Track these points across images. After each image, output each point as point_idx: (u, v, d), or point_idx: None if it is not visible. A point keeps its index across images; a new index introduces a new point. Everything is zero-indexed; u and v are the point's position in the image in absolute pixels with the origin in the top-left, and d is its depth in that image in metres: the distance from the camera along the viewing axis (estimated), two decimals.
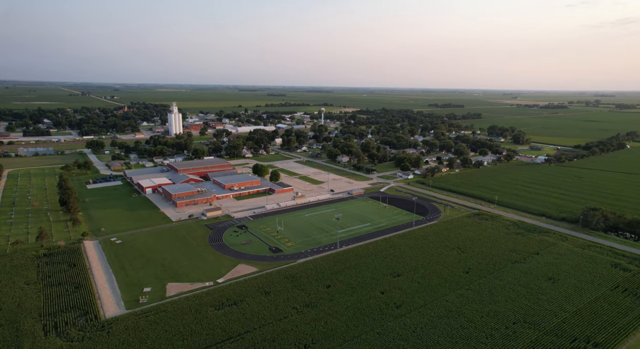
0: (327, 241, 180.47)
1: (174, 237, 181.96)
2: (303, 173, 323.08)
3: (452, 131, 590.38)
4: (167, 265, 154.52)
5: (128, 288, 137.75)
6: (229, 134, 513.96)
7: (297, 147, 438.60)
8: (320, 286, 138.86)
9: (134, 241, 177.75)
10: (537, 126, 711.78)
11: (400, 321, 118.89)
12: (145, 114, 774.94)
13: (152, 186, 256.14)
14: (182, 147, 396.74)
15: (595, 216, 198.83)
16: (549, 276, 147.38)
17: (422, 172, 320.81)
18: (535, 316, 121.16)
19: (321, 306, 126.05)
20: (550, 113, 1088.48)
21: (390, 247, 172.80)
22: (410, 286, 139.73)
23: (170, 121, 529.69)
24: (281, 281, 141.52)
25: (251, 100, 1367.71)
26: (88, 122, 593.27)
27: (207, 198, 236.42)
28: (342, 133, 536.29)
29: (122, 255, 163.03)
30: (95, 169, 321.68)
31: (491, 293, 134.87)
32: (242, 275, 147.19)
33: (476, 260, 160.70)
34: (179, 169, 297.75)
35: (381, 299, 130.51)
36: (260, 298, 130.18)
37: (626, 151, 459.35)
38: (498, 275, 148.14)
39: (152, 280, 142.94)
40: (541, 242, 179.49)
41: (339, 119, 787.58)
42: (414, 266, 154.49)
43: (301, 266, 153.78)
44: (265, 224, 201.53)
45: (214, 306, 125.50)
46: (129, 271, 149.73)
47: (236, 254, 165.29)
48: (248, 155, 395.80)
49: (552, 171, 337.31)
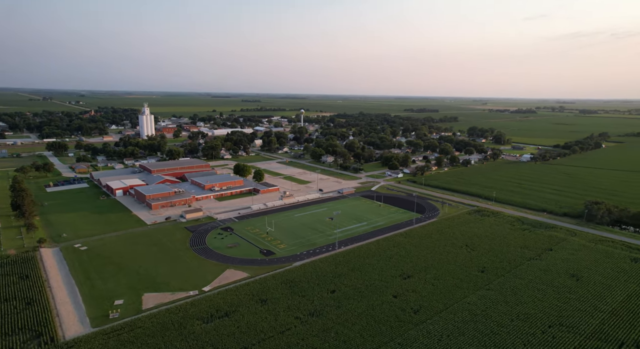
0: (323, 242, 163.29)
1: (149, 242, 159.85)
2: (287, 173, 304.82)
3: (433, 132, 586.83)
4: (142, 273, 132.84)
5: (95, 301, 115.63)
6: (204, 136, 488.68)
7: (278, 149, 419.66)
8: (323, 291, 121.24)
9: (102, 246, 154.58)
10: (514, 128, 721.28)
11: (421, 328, 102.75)
12: (114, 117, 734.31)
13: (122, 188, 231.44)
14: (155, 149, 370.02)
15: (599, 210, 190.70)
16: (571, 273, 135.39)
17: (411, 171, 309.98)
18: (569, 318, 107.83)
19: (328, 315, 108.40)
20: (522, 117, 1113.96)
21: (394, 246, 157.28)
22: (424, 288, 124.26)
23: (142, 122, 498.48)
24: (278, 287, 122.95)
25: (225, 105, 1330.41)
26: (49, 124, 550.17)
27: (185, 199, 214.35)
28: (323, 135, 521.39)
29: (87, 263, 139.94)
30: (57, 172, 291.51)
31: (515, 293, 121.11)
32: (231, 281, 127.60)
33: (488, 258, 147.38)
34: (152, 169, 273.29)
35: (395, 304, 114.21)
36: (256, 307, 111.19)
37: (603, 150, 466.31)
38: (516, 273, 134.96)
39: (125, 291, 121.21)
40: (551, 238, 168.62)
41: (317, 122, 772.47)
42: (424, 266, 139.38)
43: (298, 270, 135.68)
44: (252, 226, 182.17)
45: (202, 318, 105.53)
46: (96, 281, 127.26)
47: (223, 259, 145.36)
48: (227, 156, 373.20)
49: (540, 169, 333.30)
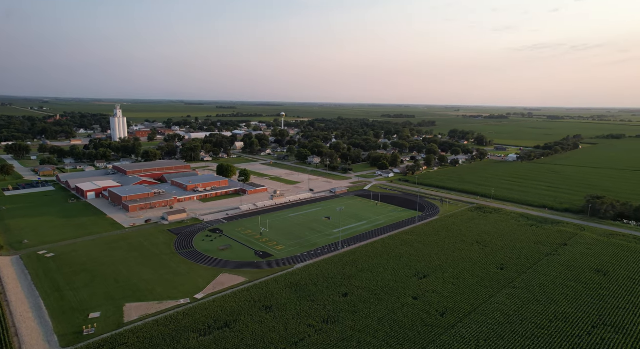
0: (324, 242, 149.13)
1: (129, 246, 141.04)
2: (274, 174, 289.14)
3: (415, 135, 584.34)
4: (122, 281, 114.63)
5: (65, 315, 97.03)
6: (182, 139, 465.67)
7: (260, 151, 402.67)
8: (334, 294, 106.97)
9: (73, 253, 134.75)
10: (491, 132, 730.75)
11: (453, 333, 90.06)
12: (83, 122, 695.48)
13: (95, 189, 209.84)
14: (129, 151, 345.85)
15: (604, 205, 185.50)
16: (595, 268, 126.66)
17: (401, 170, 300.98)
18: (611, 317, 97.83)
19: (345, 321, 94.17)
20: (495, 122, 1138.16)
21: (402, 245, 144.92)
22: (445, 288, 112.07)
23: (114, 125, 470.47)
24: (282, 292, 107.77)
25: (200, 112, 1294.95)
26: (9, 127, 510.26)
27: (166, 201, 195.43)
28: (306, 137, 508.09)
29: (55, 272, 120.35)
30: (18, 175, 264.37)
31: (544, 291, 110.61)
32: (227, 287, 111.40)
33: (504, 254, 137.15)
34: (128, 171, 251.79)
35: (418, 307, 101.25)
36: (261, 315, 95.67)
37: (582, 150, 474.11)
38: (538, 270, 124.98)
39: (102, 301, 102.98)
40: (561, 233, 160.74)
41: (296, 126, 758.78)
42: (438, 265, 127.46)
43: (302, 272, 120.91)
44: (243, 227, 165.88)
45: (197, 330, 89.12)
46: (66, 292, 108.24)
47: (214, 262, 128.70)
48: (207, 158, 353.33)
49: (528, 167, 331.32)
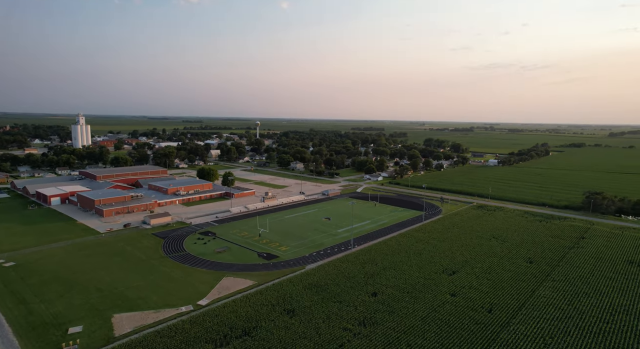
0: (331, 242, 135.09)
1: (109, 251, 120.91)
2: (257, 179, 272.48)
3: (391, 144, 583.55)
4: (106, 289, 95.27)
5: (34, 331, 77.39)
6: (152, 147, 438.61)
7: (238, 158, 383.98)
8: (362, 294, 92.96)
9: (39, 261, 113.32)
10: (463, 142, 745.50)
11: (511, 330, 78.26)
12: (38, 132, 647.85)
13: (60, 195, 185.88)
14: (95, 158, 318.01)
15: (604, 201, 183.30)
16: (627, 259, 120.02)
17: (389, 174, 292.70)
18: None
19: (384, 322, 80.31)
20: (462, 134, 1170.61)
21: (417, 242, 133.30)
22: (481, 283, 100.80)
23: (76, 133, 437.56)
24: (302, 294, 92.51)
25: (166, 125, 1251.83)
26: None
27: (146, 204, 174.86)
28: (283, 146, 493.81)
29: (17, 282, 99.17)
30: None
31: (587, 283, 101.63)
32: (235, 291, 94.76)
33: (527, 248, 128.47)
34: (98, 176, 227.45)
35: (459, 304, 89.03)
36: (284, 320, 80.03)
37: (553, 156, 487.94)
38: (569, 262, 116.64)
39: (84, 313, 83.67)
40: (574, 228, 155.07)
41: (270, 137, 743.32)
42: (463, 260, 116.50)
43: (318, 272, 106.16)
44: (238, 229, 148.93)
45: (212, 341, 72.36)
46: (34, 305, 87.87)
47: (214, 266, 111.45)
48: (182, 165, 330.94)
49: (511, 171, 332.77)
